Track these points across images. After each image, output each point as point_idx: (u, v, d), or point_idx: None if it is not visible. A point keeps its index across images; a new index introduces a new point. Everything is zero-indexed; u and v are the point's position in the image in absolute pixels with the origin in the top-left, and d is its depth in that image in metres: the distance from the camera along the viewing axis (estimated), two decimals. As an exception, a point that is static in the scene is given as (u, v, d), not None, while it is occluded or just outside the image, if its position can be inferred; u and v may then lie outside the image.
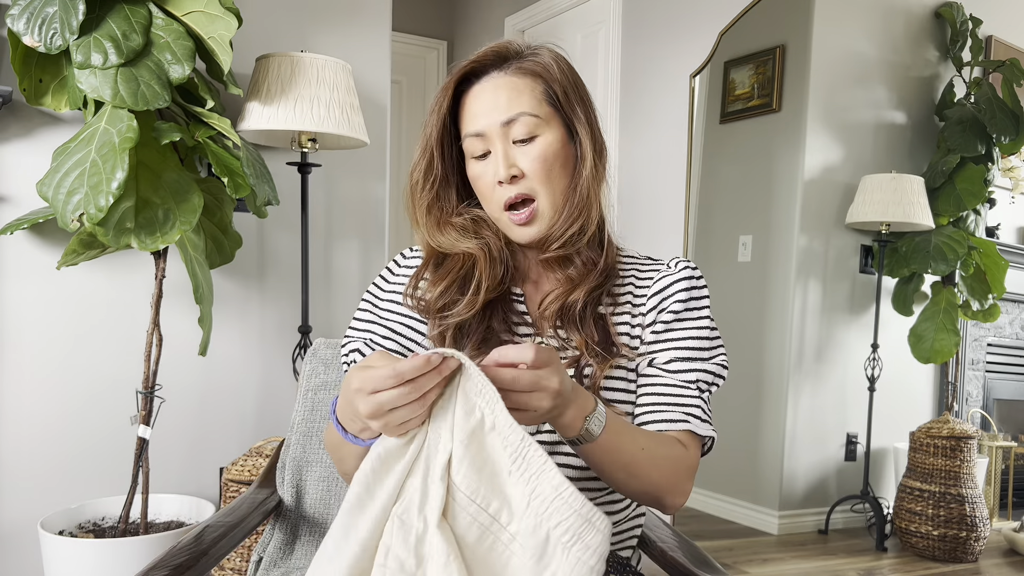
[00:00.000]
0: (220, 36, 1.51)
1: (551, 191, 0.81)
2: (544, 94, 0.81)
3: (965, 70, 3.01)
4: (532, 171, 0.80)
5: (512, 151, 0.80)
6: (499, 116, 0.80)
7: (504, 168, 0.79)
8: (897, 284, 2.95)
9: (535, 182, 0.81)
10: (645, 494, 0.74)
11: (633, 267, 0.88)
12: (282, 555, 1.10)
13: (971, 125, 2.87)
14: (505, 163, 0.80)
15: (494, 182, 0.81)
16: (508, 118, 0.80)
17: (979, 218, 3.00)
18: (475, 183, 0.84)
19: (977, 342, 3.29)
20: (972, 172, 2.86)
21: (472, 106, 0.82)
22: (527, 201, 0.81)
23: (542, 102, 0.81)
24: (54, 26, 1.39)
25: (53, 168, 1.40)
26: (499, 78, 0.81)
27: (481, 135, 0.81)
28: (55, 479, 1.74)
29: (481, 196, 0.84)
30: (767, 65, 2.64)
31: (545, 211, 0.81)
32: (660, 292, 0.84)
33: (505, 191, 0.81)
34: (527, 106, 0.80)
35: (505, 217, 0.82)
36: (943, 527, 2.57)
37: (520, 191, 0.80)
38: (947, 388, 3.06)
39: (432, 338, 0.81)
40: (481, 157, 0.82)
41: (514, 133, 0.80)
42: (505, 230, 0.84)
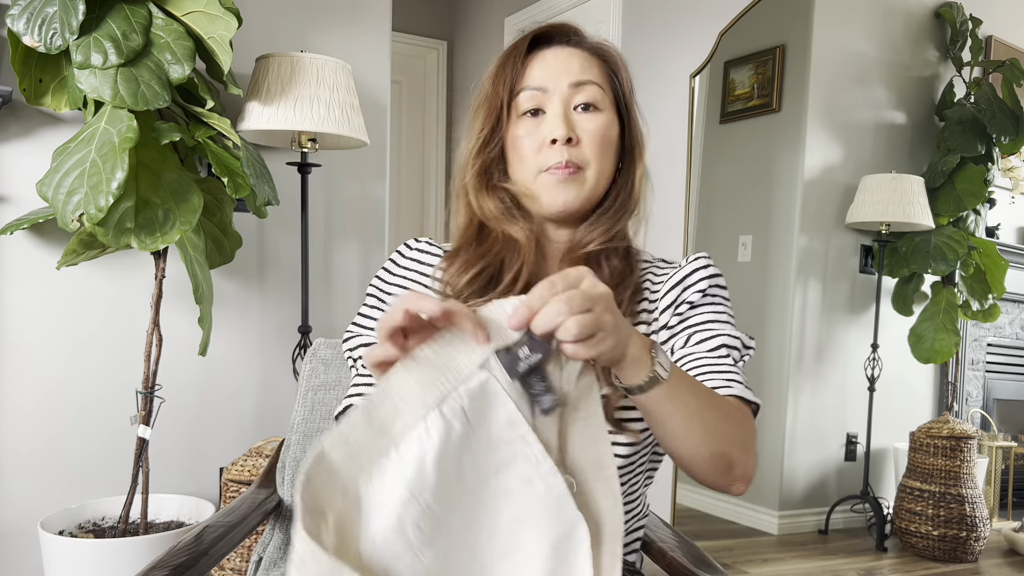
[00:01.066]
0: (220, 36, 1.51)
1: (600, 167, 0.77)
2: (609, 80, 0.79)
3: (965, 70, 3.01)
4: (589, 140, 0.76)
5: (572, 114, 0.76)
6: (569, 77, 0.76)
7: (563, 126, 0.74)
8: (897, 284, 2.95)
9: (589, 152, 0.76)
10: (720, 457, 0.63)
11: (648, 272, 0.83)
12: (282, 555, 1.10)
13: (971, 125, 2.87)
14: (565, 122, 0.75)
15: (542, 142, 0.76)
16: (578, 80, 0.76)
17: (979, 218, 3.00)
18: (517, 143, 0.77)
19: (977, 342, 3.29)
20: (972, 172, 2.86)
21: (537, 68, 0.77)
22: (574, 166, 0.76)
23: (606, 80, 0.78)
24: (54, 26, 1.39)
25: (53, 168, 1.40)
26: (570, 49, 0.78)
27: (543, 90, 0.76)
28: (55, 479, 1.74)
29: (520, 159, 0.78)
30: (767, 65, 2.64)
31: (588, 181, 0.76)
32: (676, 287, 0.79)
33: (555, 153, 0.75)
34: (597, 77, 0.77)
35: (544, 177, 0.76)
36: (943, 527, 2.57)
37: (571, 158, 0.75)
38: (947, 388, 3.06)
39: None
40: (532, 114, 0.77)
41: (579, 99, 0.76)
42: (538, 194, 0.77)
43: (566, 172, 0.75)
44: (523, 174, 0.77)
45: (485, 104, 0.79)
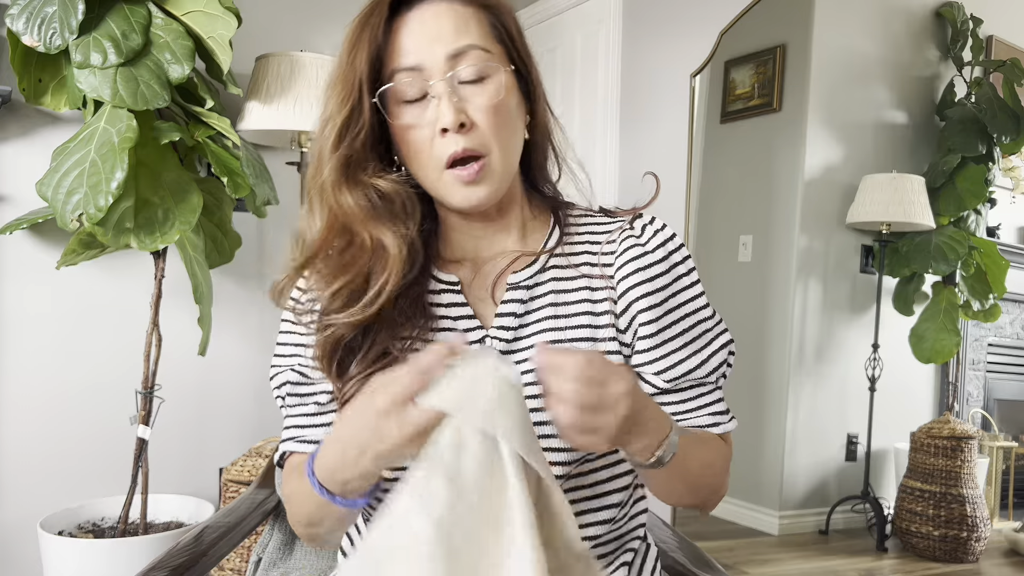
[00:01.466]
0: (219, 36, 1.51)
1: (504, 146, 0.67)
2: (492, 28, 0.68)
3: (966, 70, 3.01)
4: (485, 121, 0.65)
5: (458, 89, 0.65)
6: (443, 48, 0.64)
7: (451, 112, 0.63)
8: (898, 284, 2.95)
9: (487, 134, 0.65)
10: (702, 502, 0.71)
11: (588, 226, 0.75)
12: (281, 555, 1.09)
13: (972, 125, 2.87)
14: (452, 107, 0.63)
15: (433, 133, 0.65)
16: (455, 50, 0.64)
17: (980, 218, 3.00)
18: (404, 137, 0.67)
19: (978, 342, 3.28)
20: (973, 172, 2.85)
21: (406, 37, 0.65)
22: (475, 158, 0.65)
23: (491, 38, 0.67)
24: (53, 26, 1.38)
25: (52, 168, 1.40)
26: (438, 4, 0.66)
27: (418, 69, 0.65)
28: (55, 479, 1.74)
29: (412, 155, 0.67)
30: (767, 65, 2.64)
31: (496, 169, 0.66)
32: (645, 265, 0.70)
33: (449, 143, 0.65)
34: (478, 38, 0.66)
35: (447, 177, 0.66)
36: (944, 527, 2.56)
37: (468, 145, 0.65)
38: (948, 388, 3.06)
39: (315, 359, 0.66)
40: (414, 102, 0.66)
41: (461, 72, 0.65)
42: (444, 195, 0.67)
43: (471, 171, 0.65)
44: (424, 172, 0.68)
45: (340, 83, 0.66)
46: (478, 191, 0.66)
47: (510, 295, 0.70)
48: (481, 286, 0.72)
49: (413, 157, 0.67)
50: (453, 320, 0.70)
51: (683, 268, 0.72)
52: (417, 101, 0.66)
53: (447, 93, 0.64)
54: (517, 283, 0.71)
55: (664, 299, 0.70)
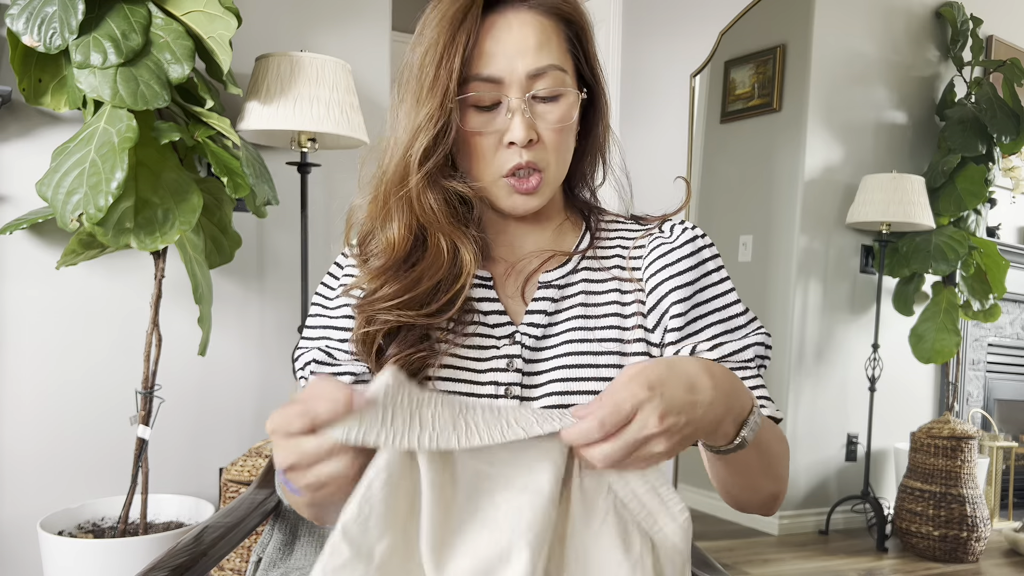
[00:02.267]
0: (219, 36, 1.51)
1: (560, 161, 0.70)
2: (569, 43, 0.69)
3: (966, 70, 3.01)
4: (551, 139, 0.68)
5: (532, 109, 0.67)
6: (526, 64, 0.66)
7: (523, 129, 0.66)
8: (898, 284, 2.95)
9: (550, 150, 0.68)
10: (774, 497, 0.67)
11: (620, 231, 0.77)
12: (281, 556, 1.09)
13: (972, 125, 2.87)
14: (525, 124, 0.66)
15: (499, 142, 0.67)
16: (536, 69, 0.66)
17: (980, 218, 3.00)
18: (468, 140, 0.68)
19: (978, 342, 3.28)
20: (973, 172, 2.85)
21: (491, 44, 0.66)
22: (534, 170, 0.68)
23: (568, 54, 0.69)
24: (53, 26, 1.38)
25: (52, 168, 1.40)
26: (524, 13, 0.67)
27: (498, 81, 0.66)
28: (55, 479, 1.74)
29: (473, 158, 0.69)
30: (768, 65, 2.64)
31: (550, 182, 0.70)
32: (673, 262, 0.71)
33: (514, 155, 0.67)
34: (557, 57, 0.67)
35: (504, 183, 0.68)
36: (944, 527, 2.56)
37: (532, 159, 0.67)
38: (948, 388, 3.06)
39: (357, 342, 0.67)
40: (487, 109, 0.67)
41: (538, 88, 0.67)
42: (495, 198, 0.70)
43: (530, 185, 0.68)
44: (481, 175, 0.69)
45: (432, 89, 0.66)
46: (531, 202, 0.70)
47: (541, 293, 0.71)
48: (513, 283, 0.73)
49: (474, 160, 0.69)
50: (483, 315, 0.70)
51: (712, 264, 0.74)
52: (489, 109, 0.68)
53: (521, 110, 0.66)
54: (549, 282, 0.72)
55: (694, 292, 0.71)
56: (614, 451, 0.47)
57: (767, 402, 0.69)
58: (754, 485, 0.64)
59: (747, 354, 0.70)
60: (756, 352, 0.70)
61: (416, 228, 0.69)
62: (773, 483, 0.65)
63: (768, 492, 0.65)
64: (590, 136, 0.76)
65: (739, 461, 0.59)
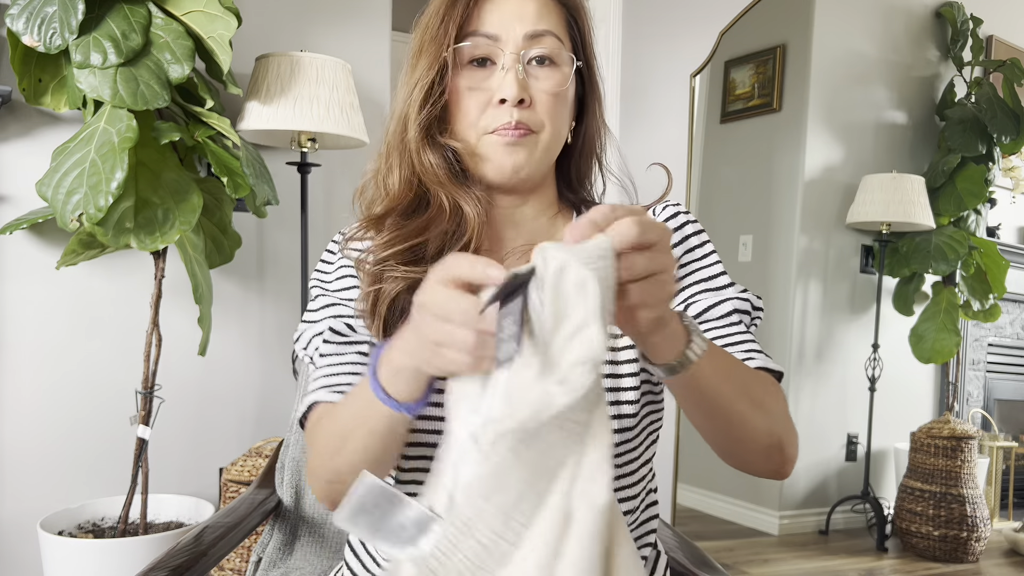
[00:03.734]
0: (219, 36, 1.51)
1: (553, 128, 0.69)
2: (568, 29, 0.71)
3: (966, 70, 3.01)
4: (543, 101, 0.68)
5: (526, 68, 0.67)
6: (523, 27, 0.67)
7: (515, 86, 0.66)
8: (898, 284, 2.95)
9: (542, 113, 0.68)
10: (772, 437, 0.60)
11: None
12: (281, 555, 1.09)
13: (972, 125, 2.87)
14: (517, 81, 0.66)
15: (489, 100, 0.67)
16: (534, 31, 0.67)
17: (980, 218, 3.00)
18: (458, 98, 0.68)
19: (978, 342, 3.29)
20: (973, 172, 2.86)
21: (490, 12, 0.68)
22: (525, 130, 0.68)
23: (564, 30, 0.70)
24: (53, 25, 1.38)
25: (52, 168, 1.40)
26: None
27: (494, 38, 0.67)
28: (55, 479, 1.74)
29: (460, 115, 0.69)
30: (767, 65, 2.64)
31: (540, 143, 0.69)
32: None
33: (503, 114, 0.67)
34: (555, 26, 0.69)
35: (490, 140, 0.68)
36: (944, 527, 2.56)
37: (522, 119, 0.67)
38: (948, 388, 3.06)
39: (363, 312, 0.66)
40: (480, 67, 0.68)
41: (534, 51, 0.68)
42: (481, 159, 0.69)
43: (516, 133, 0.67)
44: (466, 134, 0.69)
45: (431, 45, 0.68)
46: (517, 154, 0.67)
47: None
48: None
49: (461, 118, 0.69)
50: None
51: (696, 239, 0.74)
52: (483, 67, 0.68)
53: (515, 68, 0.66)
54: None
55: (683, 264, 0.72)
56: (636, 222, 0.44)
57: (758, 354, 0.67)
58: (742, 424, 0.58)
59: (724, 308, 0.69)
60: (735, 306, 0.70)
61: (416, 185, 0.70)
62: (764, 419, 0.59)
63: (764, 437, 0.59)
64: (583, 126, 0.75)
65: (708, 389, 0.55)
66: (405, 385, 0.53)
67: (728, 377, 0.57)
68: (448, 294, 0.45)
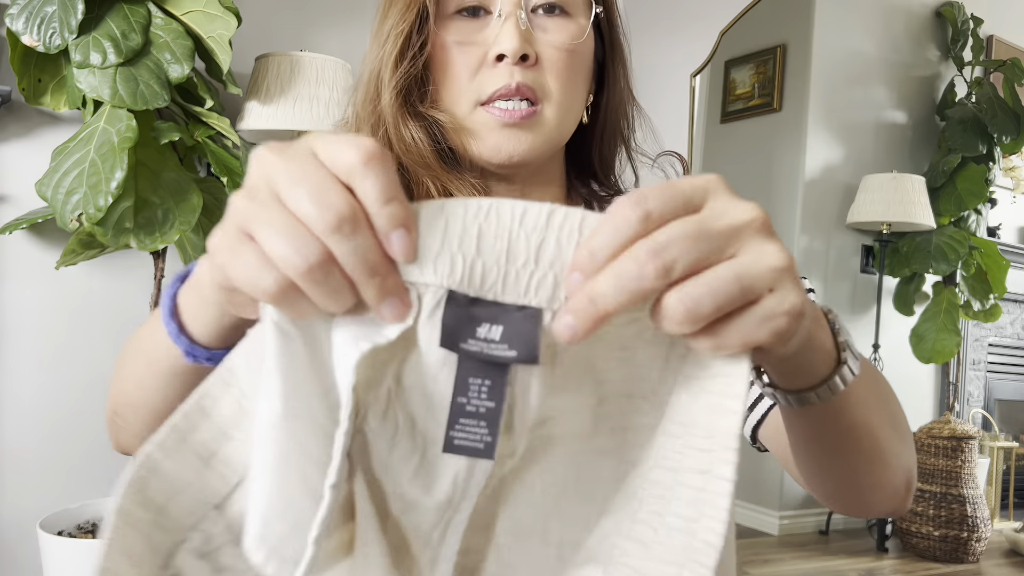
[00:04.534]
0: (219, 35, 1.51)
1: (565, 100, 0.53)
2: None
3: (966, 69, 3.01)
4: (553, 60, 0.52)
5: (530, 19, 0.52)
6: None
7: (516, 37, 0.50)
8: (898, 284, 2.95)
9: (551, 77, 0.52)
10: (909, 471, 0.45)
11: None
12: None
13: (972, 125, 2.87)
14: (518, 31, 0.50)
15: (483, 58, 0.51)
16: None
17: (980, 218, 3.00)
18: (445, 56, 0.52)
19: (978, 342, 3.29)
20: (973, 172, 2.86)
21: None
22: (527, 101, 0.51)
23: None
24: (53, 25, 1.38)
25: (52, 168, 1.40)
26: None
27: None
28: (54, 479, 1.74)
29: (449, 78, 0.53)
30: (768, 65, 2.64)
31: (548, 122, 0.52)
32: None
33: (501, 74, 0.51)
34: None
35: (484, 116, 0.52)
36: (944, 528, 2.56)
37: (525, 81, 0.51)
38: (948, 388, 3.06)
39: None
40: (469, 14, 0.52)
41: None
42: (471, 139, 0.53)
43: (517, 116, 0.51)
44: (452, 101, 0.53)
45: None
46: (517, 141, 0.51)
47: None
48: None
49: (447, 81, 0.52)
50: None
51: None
52: (475, 17, 0.52)
53: (516, 13, 0.50)
54: None
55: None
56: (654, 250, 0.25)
57: None
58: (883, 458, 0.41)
59: None
60: None
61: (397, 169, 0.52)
62: (906, 446, 0.44)
63: (904, 472, 0.44)
64: (605, 98, 0.59)
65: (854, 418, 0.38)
66: (203, 314, 0.35)
67: (876, 395, 0.40)
68: (317, 166, 0.26)
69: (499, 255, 0.27)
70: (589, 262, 0.26)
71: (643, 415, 0.30)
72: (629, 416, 0.30)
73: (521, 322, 0.27)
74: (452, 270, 0.27)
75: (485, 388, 0.27)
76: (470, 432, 0.28)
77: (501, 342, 0.27)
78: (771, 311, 0.26)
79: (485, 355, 0.27)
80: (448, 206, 0.27)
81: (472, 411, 0.27)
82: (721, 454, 0.26)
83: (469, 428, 0.28)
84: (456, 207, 0.27)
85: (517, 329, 0.27)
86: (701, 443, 0.27)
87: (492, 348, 0.27)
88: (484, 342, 0.27)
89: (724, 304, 0.25)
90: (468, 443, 0.28)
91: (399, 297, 0.27)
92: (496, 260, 0.27)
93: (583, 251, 0.26)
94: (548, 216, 0.27)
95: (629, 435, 0.30)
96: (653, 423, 0.30)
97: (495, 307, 0.27)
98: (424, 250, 0.27)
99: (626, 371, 0.30)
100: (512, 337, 0.27)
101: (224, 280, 0.28)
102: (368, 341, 0.26)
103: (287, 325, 0.27)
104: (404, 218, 0.26)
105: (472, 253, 0.27)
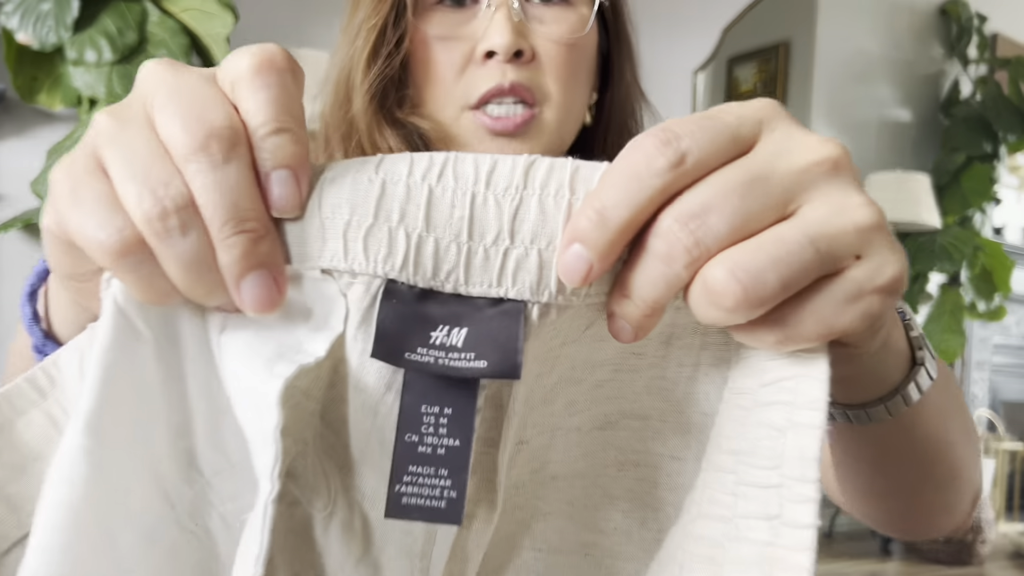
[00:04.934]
0: (216, 33, 1.50)
1: (566, 101, 0.46)
2: None
3: (971, 67, 2.99)
4: (551, 57, 0.45)
5: (525, 7, 0.46)
6: None
7: (508, 31, 0.43)
8: (902, 284, 2.92)
9: (549, 76, 0.46)
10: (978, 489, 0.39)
11: None
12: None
13: (977, 123, 2.85)
14: (510, 24, 0.44)
15: (471, 55, 0.45)
16: None
17: (985, 217, 2.98)
18: (425, 55, 0.46)
19: (983, 342, 3.27)
20: (978, 171, 2.84)
21: None
22: (522, 103, 0.45)
23: None
24: (48, 23, 1.37)
25: (48, 166, 1.39)
26: None
27: None
28: (51, 481, 1.73)
29: (432, 80, 0.46)
30: (771, 62, 2.62)
31: (547, 127, 0.46)
32: None
33: (492, 73, 0.44)
34: None
35: (470, 120, 0.45)
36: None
37: (519, 80, 0.44)
38: (952, 389, 3.04)
39: None
40: (454, 4, 0.46)
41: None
42: (460, 144, 0.46)
43: (511, 125, 0.44)
44: (436, 106, 0.46)
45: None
46: (512, 150, 0.44)
47: None
48: None
49: (430, 84, 0.46)
50: None
51: None
52: (459, 7, 0.46)
53: (508, 3, 0.44)
54: None
55: None
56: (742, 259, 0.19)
57: None
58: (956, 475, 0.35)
59: None
60: None
61: None
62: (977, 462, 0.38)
63: (972, 491, 0.38)
64: (609, 97, 0.53)
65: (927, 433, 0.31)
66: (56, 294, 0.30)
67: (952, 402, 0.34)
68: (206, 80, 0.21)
69: (459, 229, 0.19)
70: (597, 228, 0.18)
71: (662, 442, 0.23)
72: (646, 443, 0.23)
73: (494, 322, 0.19)
74: (391, 251, 0.19)
75: (444, 419, 0.19)
76: (425, 485, 0.19)
77: (466, 350, 0.19)
78: (860, 286, 0.19)
79: (443, 369, 0.19)
80: (386, 162, 0.19)
81: (426, 454, 0.19)
82: (794, 489, 0.18)
83: (423, 480, 0.19)
84: (397, 163, 0.19)
85: (488, 332, 0.19)
86: (763, 477, 0.19)
87: (453, 360, 0.19)
88: (441, 351, 0.19)
89: (795, 279, 0.18)
90: (422, 502, 0.19)
91: (270, 272, 0.19)
92: (455, 236, 0.19)
93: (587, 211, 0.19)
94: (526, 171, 0.19)
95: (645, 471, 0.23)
96: (678, 454, 0.23)
97: (456, 302, 0.19)
98: (346, 222, 0.19)
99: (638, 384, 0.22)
100: (481, 343, 0.19)
101: (62, 232, 0.20)
102: (287, 361, 0.18)
103: (135, 313, 0.19)
104: (294, 156, 0.19)
105: (419, 227, 0.19)
